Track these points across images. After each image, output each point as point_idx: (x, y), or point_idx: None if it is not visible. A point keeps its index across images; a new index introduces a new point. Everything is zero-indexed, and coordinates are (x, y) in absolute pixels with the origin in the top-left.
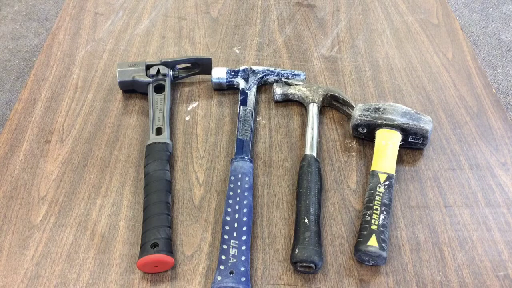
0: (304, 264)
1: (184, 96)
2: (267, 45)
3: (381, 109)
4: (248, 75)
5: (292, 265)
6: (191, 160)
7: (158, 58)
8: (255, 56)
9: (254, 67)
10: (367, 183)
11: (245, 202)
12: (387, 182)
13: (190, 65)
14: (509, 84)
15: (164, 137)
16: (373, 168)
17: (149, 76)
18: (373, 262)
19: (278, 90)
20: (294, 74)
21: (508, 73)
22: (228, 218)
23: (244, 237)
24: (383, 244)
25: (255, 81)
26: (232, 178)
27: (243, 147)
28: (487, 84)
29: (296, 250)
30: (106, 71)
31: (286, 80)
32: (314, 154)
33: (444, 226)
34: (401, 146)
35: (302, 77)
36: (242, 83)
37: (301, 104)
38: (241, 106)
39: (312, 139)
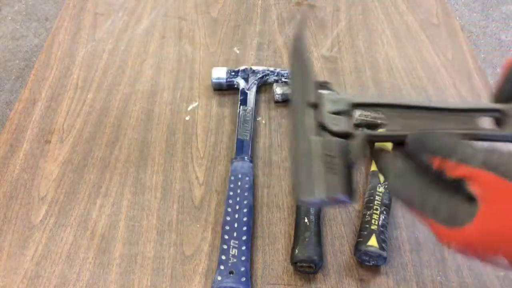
0: (304, 264)
1: (184, 96)
2: (267, 45)
3: None
4: (248, 75)
5: (292, 265)
6: (191, 160)
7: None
8: (255, 56)
9: (254, 67)
10: (367, 183)
11: (245, 202)
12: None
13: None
14: None
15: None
16: (373, 168)
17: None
18: (373, 262)
19: (278, 90)
20: None
21: None
22: (228, 218)
23: (244, 237)
24: (383, 244)
25: (255, 81)
26: (232, 178)
27: (243, 147)
28: (487, 84)
29: (296, 250)
30: (106, 71)
31: (286, 80)
32: None
33: None
34: None
35: None
36: (242, 83)
37: None
38: (241, 106)
39: None
